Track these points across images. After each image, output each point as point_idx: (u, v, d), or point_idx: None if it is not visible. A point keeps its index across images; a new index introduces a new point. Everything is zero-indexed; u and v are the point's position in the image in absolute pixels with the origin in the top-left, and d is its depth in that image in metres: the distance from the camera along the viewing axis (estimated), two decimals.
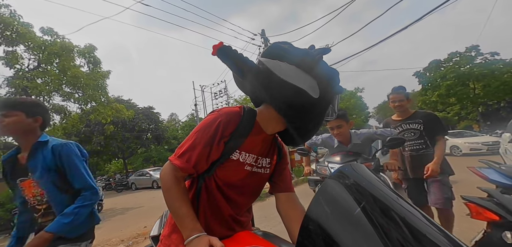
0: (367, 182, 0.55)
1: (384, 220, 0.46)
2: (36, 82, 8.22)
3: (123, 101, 18.09)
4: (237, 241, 0.73)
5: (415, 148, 2.15)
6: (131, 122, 18.53)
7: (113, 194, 15.18)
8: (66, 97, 9.14)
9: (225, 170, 0.79)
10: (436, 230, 0.48)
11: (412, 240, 0.44)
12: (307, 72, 0.71)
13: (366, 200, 0.50)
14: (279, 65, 0.72)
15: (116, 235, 5.09)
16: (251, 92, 0.83)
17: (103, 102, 9.69)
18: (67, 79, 8.63)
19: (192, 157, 0.74)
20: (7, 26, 7.40)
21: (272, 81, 0.72)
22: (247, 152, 0.80)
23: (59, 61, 8.50)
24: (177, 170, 0.75)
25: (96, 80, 9.27)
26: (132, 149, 21.78)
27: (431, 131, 2.10)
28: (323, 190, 0.53)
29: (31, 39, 7.91)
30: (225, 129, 0.76)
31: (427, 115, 2.17)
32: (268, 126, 0.82)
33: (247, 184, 0.84)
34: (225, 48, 0.74)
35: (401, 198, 0.54)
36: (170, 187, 0.73)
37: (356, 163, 0.69)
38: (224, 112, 0.78)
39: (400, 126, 2.23)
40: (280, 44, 0.77)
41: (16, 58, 8.08)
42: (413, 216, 0.49)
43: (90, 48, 9.33)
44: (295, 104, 0.72)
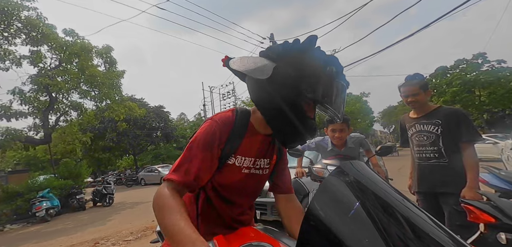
0: (367, 179, 0.55)
1: (385, 217, 0.46)
2: (57, 80, 8.54)
3: (135, 100, 18.48)
4: (239, 236, 0.73)
5: (425, 157, 1.66)
6: (142, 120, 18.86)
7: (124, 188, 15.48)
8: (83, 94, 9.44)
9: (222, 175, 0.76)
10: (436, 227, 0.48)
11: (413, 237, 0.44)
12: (267, 56, 0.69)
13: (366, 197, 0.50)
14: (240, 59, 0.72)
15: (125, 228, 5.24)
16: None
17: (117, 100, 9.95)
18: (85, 77, 8.93)
19: (191, 169, 0.67)
20: (34, 27, 7.74)
21: (246, 79, 0.74)
22: (243, 155, 0.77)
23: (78, 60, 8.82)
24: (174, 185, 0.65)
25: (111, 79, 9.55)
26: (142, 146, 22.14)
27: (452, 135, 1.55)
28: (324, 186, 0.53)
29: (54, 40, 8.25)
30: (221, 135, 0.72)
31: (449, 114, 1.60)
32: (261, 127, 0.78)
33: (245, 186, 0.81)
34: (230, 60, 0.75)
35: (401, 195, 0.53)
36: (163, 203, 0.60)
37: (356, 160, 0.67)
38: (218, 118, 0.74)
39: (414, 127, 1.72)
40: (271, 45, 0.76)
41: (40, 57, 8.41)
42: (413, 213, 0.49)
43: (107, 48, 9.62)
44: (254, 92, 0.72)
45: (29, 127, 9.26)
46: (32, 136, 9.31)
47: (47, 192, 7.99)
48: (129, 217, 6.46)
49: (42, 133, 9.29)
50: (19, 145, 8.72)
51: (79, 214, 8.08)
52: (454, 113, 1.62)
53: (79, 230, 5.68)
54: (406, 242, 0.43)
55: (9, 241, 5.58)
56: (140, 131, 20.37)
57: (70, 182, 9.32)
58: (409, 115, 1.82)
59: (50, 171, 11.11)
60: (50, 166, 11.26)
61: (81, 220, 7.07)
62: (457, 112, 1.63)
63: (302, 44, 0.65)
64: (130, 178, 17.48)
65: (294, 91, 0.65)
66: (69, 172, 9.79)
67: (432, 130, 1.64)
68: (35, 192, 8.00)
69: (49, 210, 7.56)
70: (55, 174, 9.90)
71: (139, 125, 20.21)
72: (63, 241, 4.86)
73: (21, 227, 7.19)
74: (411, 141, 1.78)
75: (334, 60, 0.67)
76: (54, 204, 7.80)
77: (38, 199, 7.64)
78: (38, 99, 8.67)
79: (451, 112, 1.63)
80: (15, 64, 8.03)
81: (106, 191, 9.10)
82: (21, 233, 6.42)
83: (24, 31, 7.78)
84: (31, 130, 9.30)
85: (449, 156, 1.58)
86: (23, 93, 8.36)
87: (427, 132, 1.66)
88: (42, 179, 9.34)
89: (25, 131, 9.00)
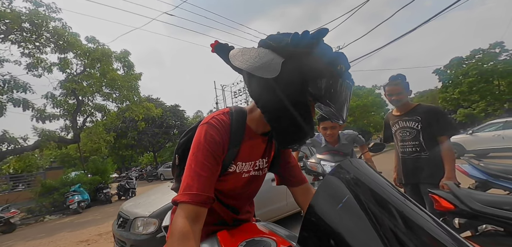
0: (367, 176, 0.54)
1: (383, 214, 0.46)
2: (82, 85, 8.94)
3: (152, 100, 19.04)
4: (242, 231, 0.72)
5: (407, 151, 1.76)
6: (160, 119, 19.42)
7: (145, 183, 16.07)
8: (106, 97, 9.82)
9: (223, 183, 0.70)
10: (434, 224, 0.47)
11: (411, 234, 0.43)
12: (273, 50, 0.58)
13: (365, 195, 0.49)
14: (241, 52, 0.63)
15: None
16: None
17: (136, 101, 10.25)
18: (107, 81, 9.28)
19: (203, 184, 0.58)
20: (60, 36, 8.13)
21: (242, 72, 0.63)
22: (243, 161, 0.70)
23: (99, 65, 9.15)
24: (189, 210, 0.55)
25: (129, 82, 9.84)
26: (161, 144, 22.87)
27: (431, 130, 1.67)
28: (324, 184, 0.52)
29: (78, 47, 8.64)
30: (223, 143, 0.64)
31: (428, 111, 1.71)
32: (258, 126, 0.70)
33: (244, 190, 0.76)
34: (219, 45, 0.68)
35: (400, 193, 0.52)
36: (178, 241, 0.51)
37: (356, 159, 0.64)
38: (216, 124, 0.65)
39: (398, 123, 1.82)
40: (272, 34, 0.64)
41: (67, 64, 8.85)
42: (412, 211, 0.48)
43: (125, 53, 9.93)
44: (255, 91, 0.61)
45: (61, 128, 9.84)
46: (64, 136, 9.87)
47: (78, 187, 8.48)
48: None
49: (72, 133, 9.81)
50: (53, 144, 9.28)
51: (106, 207, 8.47)
52: (432, 110, 1.72)
53: (106, 221, 5.95)
54: (405, 240, 0.42)
55: (49, 230, 5.99)
56: (158, 129, 21.01)
57: (98, 177, 9.81)
58: (393, 113, 1.91)
59: (80, 167, 11.79)
60: (80, 163, 11.93)
61: (108, 212, 7.39)
62: (435, 109, 1.74)
63: (312, 37, 0.55)
64: (151, 174, 18.14)
65: (302, 90, 0.57)
66: (96, 169, 10.30)
67: (413, 126, 1.74)
68: (68, 186, 8.53)
69: (81, 203, 8.03)
70: (84, 171, 10.47)
71: (157, 124, 20.84)
72: (92, 231, 5.13)
73: (58, 218, 7.69)
74: (395, 136, 1.86)
75: (343, 57, 0.58)
76: (84, 198, 8.26)
77: (71, 193, 8.14)
78: (67, 102, 9.16)
79: (430, 109, 1.73)
80: (47, 71, 8.50)
81: (129, 186, 9.50)
82: (58, 223, 6.86)
83: (52, 40, 8.21)
84: (62, 130, 9.87)
85: (429, 150, 1.67)
86: (54, 97, 8.87)
87: (409, 128, 1.76)
88: (74, 175, 9.92)
89: (58, 131, 9.56)
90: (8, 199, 9.15)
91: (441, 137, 1.65)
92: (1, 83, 7.56)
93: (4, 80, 7.61)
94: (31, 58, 8.14)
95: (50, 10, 8.07)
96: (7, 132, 8.19)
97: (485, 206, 1.20)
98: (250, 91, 0.64)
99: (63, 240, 4.75)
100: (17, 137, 8.32)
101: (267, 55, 0.58)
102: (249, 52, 0.62)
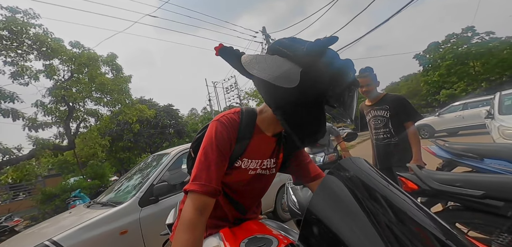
0: (366, 174, 0.54)
1: (381, 212, 0.46)
2: (71, 91, 8.61)
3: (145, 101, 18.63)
4: (245, 229, 0.72)
5: (380, 137, 1.85)
6: (154, 120, 19.09)
7: None
8: (97, 101, 9.52)
9: (229, 177, 0.72)
10: (431, 220, 0.46)
11: (408, 230, 0.43)
12: (291, 59, 0.58)
13: (364, 193, 0.49)
14: (255, 59, 0.63)
15: None
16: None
17: (128, 104, 10.00)
18: (96, 85, 8.97)
19: (211, 176, 0.62)
20: (42, 43, 7.74)
21: (254, 78, 0.63)
22: (250, 158, 0.72)
23: (87, 70, 8.81)
24: (198, 200, 0.60)
25: (119, 85, 9.56)
26: (157, 144, 22.54)
27: (398, 117, 1.77)
28: (324, 183, 0.52)
29: (63, 53, 8.26)
30: (231, 139, 0.67)
31: (394, 100, 1.81)
32: (269, 128, 0.72)
33: (252, 188, 0.77)
34: (225, 48, 0.68)
35: (399, 190, 0.52)
36: (190, 238, 0.55)
37: (355, 157, 0.63)
38: (226, 121, 0.68)
39: (370, 113, 1.93)
40: (280, 39, 0.64)
41: (54, 70, 8.48)
42: (410, 206, 0.48)
43: (112, 56, 9.60)
44: (272, 98, 0.61)
45: (55, 136, 9.51)
46: (59, 143, 9.57)
47: (79, 192, 8.33)
48: None
49: (67, 140, 9.52)
50: (49, 152, 9.00)
51: None
52: (397, 99, 1.82)
53: None
54: (403, 237, 0.42)
55: None
56: (153, 130, 20.67)
57: (97, 182, 9.66)
58: (365, 103, 2.01)
59: (78, 173, 11.52)
60: (78, 169, 11.66)
61: None
62: (399, 98, 1.83)
63: (323, 44, 0.57)
64: None
65: (320, 97, 0.58)
66: (95, 173, 10.13)
67: (383, 115, 1.84)
68: (69, 192, 8.38)
69: None
70: (83, 176, 10.25)
71: (152, 125, 20.49)
72: None
73: None
74: (369, 125, 1.95)
75: (351, 63, 0.58)
76: (86, 202, 8.10)
77: (72, 199, 7.99)
78: (58, 109, 8.83)
79: (395, 98, 1.83)
80: (33, 78, 8.12)
81: None
82: None
83: (35, 47, 7.82)
84: (57, 138, 9.55)
85: (397, 135, 1.77)
86: (44, 105, 8.52)
87: (380, 116, 1.85)
88: (73, 181, 9.77)
89: (52, 139, 9.25)
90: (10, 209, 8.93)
91: (407, 123, 1.75)
92: None
93: None
94: (15, 66, 7.73)
95: (28, 16, 7.63)
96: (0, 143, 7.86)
97: (442, 185, 1.25)
98: (265, 97, 0.63)
99: None
100: (10, 147, 8.01)
101: (285, 64, 0.58)
102: (265, 61, 0.61)
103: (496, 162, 1.62)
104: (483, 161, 1.68)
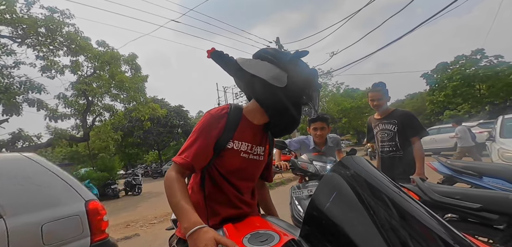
0: (366, 172, 0.54)
1: (380, 208, 0.45)
2: (92, 86, 8.98)
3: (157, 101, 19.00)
4: (247, 224, 0.73)
5: (385, 150, 1.89)
6: (164, 119, 19.39)
7: (150, 180, 16.09)
8: (114, 97, 9.84)
9: (224, 159, 0.80)
10: (430, 218, 0.47)
11: (406, 226, 0.43)
12: (277, 65, 0.74)
13: (364, 190, 0.49)
14: (249, 62, 0.77)
15: (151, 213, 5.51)
16: (243, 88, 0.88)
17: (142, 102, 10.28)
18: (115, 83, 9.30)
19: (190, 154, 0.74)
20: (73, 40, 8.18)
21: (246, 76, 0.77)
22: (240, 140, 0.81)
23: (109, 68, 9.18)
24: (177, 167, 0.74)
25: (136, 83, 9.86)
26: (165, 142, 22.81)
27: (405, 132, 1.80)
28: (325, 181, 0.53)
29: (89, 50, 8.66)
30: (218, 125, 0.78)
31: (402, 115, 1.85)
32: (254, 117, 0.83)
33: (245, 169, 0.84)
34: (216, 52, 0.78)
35: (396, 187, 0.52)
36: (170, 184, 0.70)
37: (357, 156, 0.68)
38: (214, 112, 0.81)
39: (378, 126, 1.95)
40: (266, 49, 0.84)
41: (78, 66, 8.88)
42: (408, 203, 0.48)
43: (132, 56, 9.97)
44: (264, 94, 0.77)
45: (72, 127, 9.87)
46: (74, 135, 9.90)
47: (88, 182, 8.47)
48: (154, 204, 6.73)
49: (82, 132, 9.84)
50: (64, 142, 9.30)
51: (114, 202, 8.50)
52: (405, 115, 1.87)
53: (114, 215, 6.02)
54: (401, 231, 0.41)
55: None
56: (162, 128, 20.98)
57: (106, 174, 9.78)
58: (374, 117, 2.04)
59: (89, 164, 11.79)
60: (89, 160, 11.93)
61: (116, 206, 7.45)
62: (407, 114, 1.88)
63: (300, 55, 0.76)
64: (156, 171, 18.14)
65: (299, 96, 0.78)
66: (104, 166, 10.28)
67: (391, 129, 1.87)
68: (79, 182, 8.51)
69: None
70: (93, 167, 10.48)
71: (162, 124, 20.81)
72: None
73: None
74: (376, 137, 1.99)
75: (317, 72, 0.81)
76: (94, 193, 8.24)
77: None
78: (78, 103, 9.17)
79: (403, 114, 1.88)
80: (59, 73, 8.53)
81: (135, 182, 9.52)
82: None
83: (65, 44, 8.25)
84: (73, 129, 9.90)
85: (403, 149, 1.81)
86: (66, 97, 8.88)
87: (387, 130, 1.89)
88: (83, 172, 9.91)
89: (69, 130, 9.59)
90: None
91: (413, 138, 1.79)
92: (18, 85, 7.59)
93: (21, 81, 7.64)
94: (45, 61, 8.15)
95: (64, 16, 8.10)
96: (22, 130, 8.23)
97: (442, 197, 1.32)
98: (254, 93, 0.81)
99: None
100: (31, 135, 8.37)
101: (274, 69, 0.74)
102: (258, 64, 0.77)
103: (494, 181, 1.68)
104: (482, 179, 1.74)
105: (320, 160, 1.84)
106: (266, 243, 0.56)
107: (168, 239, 0.97)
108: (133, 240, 3.74)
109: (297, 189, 1.69)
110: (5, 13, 6.80)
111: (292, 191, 1.73)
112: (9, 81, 7.50)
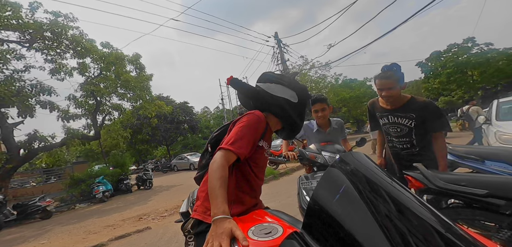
0: (366, 168, 0.54)
1: (380, 202, 0.45)
2: (100, 87, 8.92)
3: (163, 98, 18.93)
4: (252, 218, 0.74)
5: (398, 147, 1.57)
6: (171, 115, 19.37)
7: (160, 174, 16.21)
8: (121, 97, 9.79)
9: (257, 155, 0.90)
10: (429, 213, 0.46)
11: (405, 221, 0.43)
12: (287, 87, 0.95)
13: (365, 186, 0.49)
14: (269, 86, 0.95)
15: (162, 206, 5.54)
16: (250, 106, 1.01)
17: (148, 100, 10.23)
18: (121, 82, 9.23)
19: (242, 145, 0.80)
20: (78, 43, 8.06)
21: (268, 97, 0.94)
22: (266, 141, 0.94)
23: (114, 68, 9.09)
24: (229, 155, 0.77)
25: (142, 82, 9.79)
26: (173, 138, 22.89)
27: (425, 127, 1.45)
28: (326, 175, 0.53)
29: (95, 52, 8.55)
30: (262, 125, 0.89)
31: (423, 107, 1.44)
32: (272, 126, 0.99)
33: (265, 165, 0.99)
34: (234, 79, 0.97)
35: (399, 184, 0.51)
36: (217, 168, 0.73)
37: (356, 152, 0.65)
38: (259, 114, 0.89)
39: (387, 118, 1.55)
40: (268, 73, 1.02)
41: (86, 68, 8.80)
42: (407, 199, 0.48)
43: (136, 56, 9.84)
44: (285, 109, 0.94)
45: (83, 127, 9.89)
46: (86, 134, 9.94)
47: (102, 178, 8.60)
48: (165, 198, 6.77)
49: (93, 131, 9.88)
50: (77, 141, 9.36)
51: (127, 196, 8.60)
52: (427, 108, 1.44)
53: (127, 208, 6.09)
54: (401, 226, 0.41)
55: (80, 217, 6.12)
56: (169, 125, 21.02)
57: (119, 170, 9.88)
58: (380, 104, 1.60)
59: (102, 161, 11.92)
60: (102, 158, 12.04)
61: (129, 200, 7.53)
62: (429, 106, 1.45)
63: (295, 75, 1.10)
64: (165, 166, 18.27)
65: (305, 106, 0.98)
66: (116, 162, 10.38)
67: (406, 123, 1.49)
68: (93, 178, 8.64)
69: (105, 193, 8.16)
70: (106, 164, 10.59)
71: (169, 120, 20.84)
72: (117, 217, 5.25)
73: (86, 206, 7.83)
74: (386, 131, 1.63)
75: (306, 88, 1.00)
76: (108, 188, 8.39)
77: (96, 184, 8.26)
78: (87, 103, 9.16)
79: (424, 106, 1.45)
80: (68, 75, 8.48)
81: (146, 177, 9.58)
82: (87, 210, 7.02)
83: (71, 47, 8.15)
84: (85, 128, 9.93)
85: (419, 146, 1.51)
86: (76, 98, 8.87)
87: (401, 125, 1.50)
88: (97, 168, 10.00)
89: (81, 130, 9.62)
90: (43, 190, 9.36)
91: (436, 134, 1.47)
92: (30, 88, 7.57)
93: (32, 84, 7.62)
94: (54, 64, 8.09)
95: (68, 19, 7.96)
96: (37, 131, 8.27)
97: (448, 184, 1.25)
98: (271, 108, 0.96)
99: (92, 225, 4.87)
100: (46, 136, 8.42)
101: (287, 89, 0.95)
102: (276, 87, 0.95)
103: (496, 164, 1.61)
104: (484, 163, 1.67)
105: (329, 151, 1.71)
106: (270, 235, 0.56)
107: (178, 230, 0.96)
108: (144, 233, 3.73)
109: (305, 179, 1.59)
110: (12, 19, 6.67)
111: (300, 181, 1.60)
112: (20, 84, 7.47)
